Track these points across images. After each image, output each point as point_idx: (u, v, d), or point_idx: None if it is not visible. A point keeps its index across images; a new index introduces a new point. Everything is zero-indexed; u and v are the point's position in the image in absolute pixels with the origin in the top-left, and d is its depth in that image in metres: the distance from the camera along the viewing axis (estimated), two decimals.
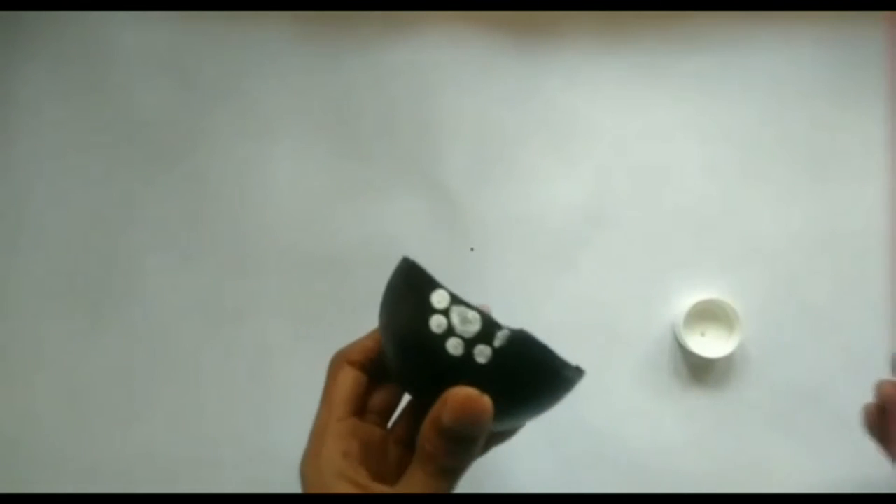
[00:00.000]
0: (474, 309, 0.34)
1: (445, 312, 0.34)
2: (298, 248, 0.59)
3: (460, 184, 0.59)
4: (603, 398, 0.57)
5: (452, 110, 0.60)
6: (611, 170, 0.59)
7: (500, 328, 0.34)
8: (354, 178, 0.60)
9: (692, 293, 0.57)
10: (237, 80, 0.60)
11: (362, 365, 0.39)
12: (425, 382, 0.36)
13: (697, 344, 0.56)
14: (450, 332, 0.34)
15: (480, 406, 0.33)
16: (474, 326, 0.34)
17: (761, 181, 0.58)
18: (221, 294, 0.59)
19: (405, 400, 0.42)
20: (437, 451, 0.34)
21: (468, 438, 0.34)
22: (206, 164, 0.60)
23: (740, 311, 0.55)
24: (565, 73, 0.59)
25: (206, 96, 0.60)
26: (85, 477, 0.58)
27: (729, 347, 0.55)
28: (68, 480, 0.57)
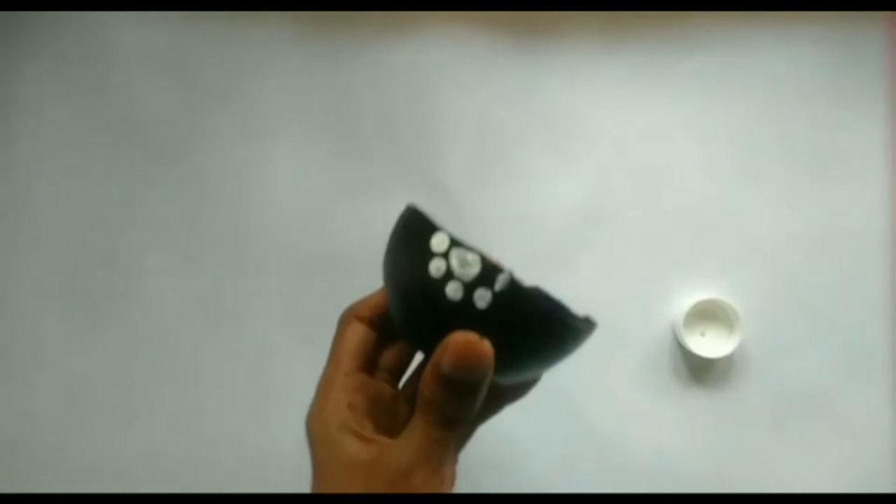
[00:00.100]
0: (475, 251, 0.32)
1: (445, 255, 0.32)
2: (298, 248, 0.59)
3: (460, 184, 0.59)
4: (603, 398, 0.57)
5: (452, 110, 0.60)
6: (611, 170, 0.59)
7: (502, 271, 0.32)
8: (354, 178, 0.60)
9: (692, 293, 0.57)
10: (237, 80, 0.60)
11: (371, 321, 0.38)
12: (426, 330, 0.33)
13: (697, 344, 0.56)
14: (449, 276, 0.32)
15: (480, 351, 0.31)
16: (473, 269, 0.32)
17: (761, 181, 0.58)
18: (221, 294, 0.59)
19: (417, 361, 0.41)
20: (437, 399, 0.32)
21: (468, 385, 0.32)
22: (206, 164, 0.60)
23: (740, 311, 0.55)
24: (565, 73, 0.59)
25: (206, 96, 0.60)
26: (85, 477, 0.58)
27: (729, 347, 0.55)
28: (68, 480, 0.58)
